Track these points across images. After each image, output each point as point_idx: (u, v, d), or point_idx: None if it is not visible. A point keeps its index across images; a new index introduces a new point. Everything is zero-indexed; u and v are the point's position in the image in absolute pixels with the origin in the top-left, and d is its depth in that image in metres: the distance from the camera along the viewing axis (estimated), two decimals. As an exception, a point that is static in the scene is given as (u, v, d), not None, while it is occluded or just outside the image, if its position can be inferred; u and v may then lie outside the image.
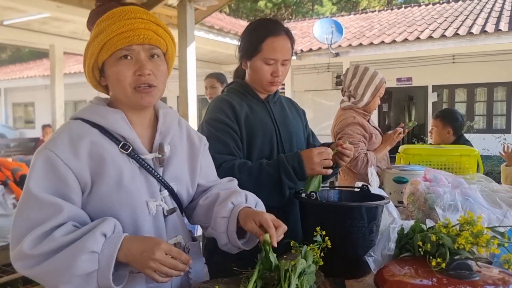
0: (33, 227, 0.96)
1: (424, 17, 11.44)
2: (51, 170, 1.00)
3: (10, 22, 6.93)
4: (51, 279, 0.96)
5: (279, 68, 1.61)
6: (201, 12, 5.67)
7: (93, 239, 0.94)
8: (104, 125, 1.08)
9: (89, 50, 1.06)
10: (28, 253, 0.94)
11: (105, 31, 1.03)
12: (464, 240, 1.00)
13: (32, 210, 0.98)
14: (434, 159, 2.55)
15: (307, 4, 23.64)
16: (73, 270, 0.92)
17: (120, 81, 1.06)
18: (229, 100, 1.63)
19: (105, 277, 0.94)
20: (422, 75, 11.18)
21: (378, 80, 2.58)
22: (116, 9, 1.05)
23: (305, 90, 12.70)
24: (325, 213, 1.34)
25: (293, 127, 1.74)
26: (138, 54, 1.06)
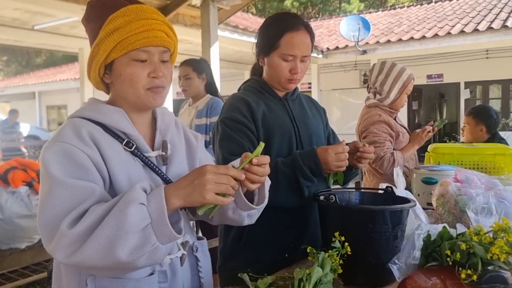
0: (68, 211, 0.90)
1: (455, 11, 11.06)
2: (70, 159, 0.97)
3: (40, 26, 7.10)
4: (104, 251, 0.86)
5: (298, 65, 1.53)
6: (225, 12, 5.65)
7: (136, 192, 0.90)
8: (106, 122, 1.06)
9: (102, 46, 1.02)
10: (70, 233, 0.87)
11: (122, 29, 1.01)
12: (499, 250, 0.89)
13: (63, 196, 0.92)
14: (466, 158, 2.41)
15: (334, 2, 23.34)
16: (126, 227, 0.86)
17: (134, 82, 1.04)
18: (246, 98, 1.56)
19: (162, 227, 0.89)
20: (454, 71, 10.81)
21: (406, 76, 2.47)
22: (131, 7, 1.03)
23: (332, 89, 12.53)
24: (345, 217, 1.26)
25: (312, 126, 1.66)
26: (153, 56, 1.05)
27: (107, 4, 1.05)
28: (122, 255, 0.86)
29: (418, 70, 10.96)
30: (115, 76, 1.06)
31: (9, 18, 6.57)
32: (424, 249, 1.05)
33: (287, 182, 1.43)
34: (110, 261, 0.87)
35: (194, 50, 7.09)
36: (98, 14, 1.05)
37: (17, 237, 3.11)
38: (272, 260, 1.46)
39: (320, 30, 12.87)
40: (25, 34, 7.36)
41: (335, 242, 1.13)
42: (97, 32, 1.03)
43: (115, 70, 1.05)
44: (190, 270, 1.18)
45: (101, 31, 1.02)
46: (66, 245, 0.88)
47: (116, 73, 1.06)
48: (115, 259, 0.87)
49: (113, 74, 1.06)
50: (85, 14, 1.09)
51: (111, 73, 1.07)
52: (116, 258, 0.86)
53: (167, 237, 0.90)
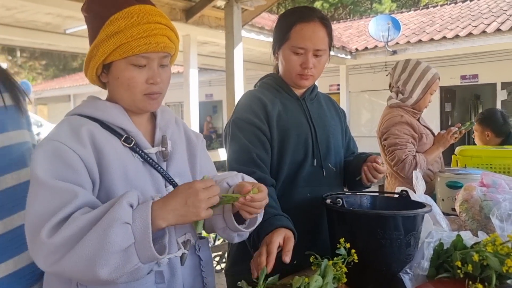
0: (49, 216, 0.87)
1: (491, 9, 10.62)
2: (59, 158, 0.94)
3: (71, 30, 7.29)
4: (84, 267, 0.84)
5: (310, 59, 1.44)
6: (250, 13, 5.61)
7: (122, 209, 0.86)
8: (104, 118, 1.04)
9: (101, 48, 0.99)
10: (49, 242, 0.85)
11: (123, 32, 0.98)
12: (515, 262, 0.80)
13: (45, 199, 0.90)
14: (496, 161, 2.27)
15: (365, 2, 22.98)
16: (108, 247, 0.83)
17: (132, 87, 1.02)
18: (261, 97, 1.49)
19: (145, 248, 0.86)
20: (490, 71, 10.39)
21: (430, 76, 2.35)
22: (134, 8, 0.99)
23: (361, 91, 12.30)
24: (352, 222, 1.18)
25: (331, 127, 1.57)
26: (152, 62, 1.03)
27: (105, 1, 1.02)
28: (102, 274, 0.84)
29: (452, 70, 10.61)
30: (112, 77, 1.04)
31: (41, 23, 6.77)
32: (435, 259, 0.96)
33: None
34: (90, 276, 0.86)
35: (220, 52, 7.10)
36: (98, 10, 1.02)
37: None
38: (280, 266, 1.40)
39: (350, 31, 12.67)
40: (58, 38, 7.56)
41: (340, 249, 1.06)
42: (96, 29, 1.00)
43: (113, 72, 1.03)
44: (193, 270, 1.14)
45: (101, 31, 0.99)
46: (46, 255, 0.86)
47: (113, 75, 1.03)
48: (95, 277, 0.85)
49: (111, 75, 1.04)
50: (85, 5, 1.06)
51: (108, 73, 1.05)
52: (96, 276, 0.85)
53: (149, 258, 0.88)
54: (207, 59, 9.95)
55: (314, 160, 1.49)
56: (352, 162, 1.59)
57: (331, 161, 1.54)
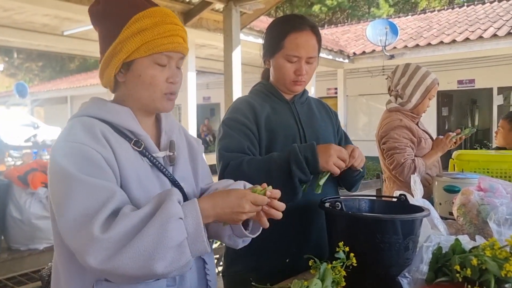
0: (94, 213, 0.87)
1: (488, 15, 10.69)
2: (86, 158, 0.93)
3: (69, 32, 7.28)
4: (142, 261, 0.85)
5: (303, 66, 1.49)
6: (248, 16, 5.62)
7: (175, 206, 0.89)
8: (114, 121, 1.04)
9: (126, 45, 1.00)
10: (104, 238, 0.84)
11: (148, 30, 1.00)
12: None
13: (85, 196, 0.89)
14: (493, 166, 2.28)
15: (363, 7, 23.07)
16: (165, 242, 0.86)
17: (153, 86, 1.04)
18: (250, 101, 1.54)
19: (198, 242, 0.90)
20: (486, 76, 10.45)
21: (429, 81, 2.35)
22: (157, 9, 1.03)
23: (358, 94, 12.34)
24: (351, 226, 1.18)
25: (320, 129, 1.60)
26: (172, 62, 1.05)
27: (125, 1, 1.03)
28: (158, 268, 0.86)
29: (449, 75, 10.66)
30: (133, 76, 1.04)
31: (39, 24, 6.77)
32: (434, 263, 0.96)
33: (280, 174, 1.32)
34: (146, 272, 0.87)
35: (218, 55, 7.12)
36: (116, 11, 1.03)
37: (35, 238, 3.15)
38: (275, 266, 1.41)
39: (348, 35, 12.72)
40: (56, 40, 7.56)
41: (339, 252, 1.06)
42: (116, 28, 1.01)
43: (135, 70, 1.03)
44: (197, 273, 1.15)
45: (124, 29, 1.00)
46: (99, 251, 0.84)
47: (135, 73, 1.03)
48: (151, 271, 0.86)
49: (131, 73, 1.04)
50: (98, 7, 1.06)
51: (128, 71, 1.04)
52: (152, 270, 0.86)
53: (200, 251, 0.92)
54: (205, 61, 9.97)
55: None
56: None
57: None
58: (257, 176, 1.30)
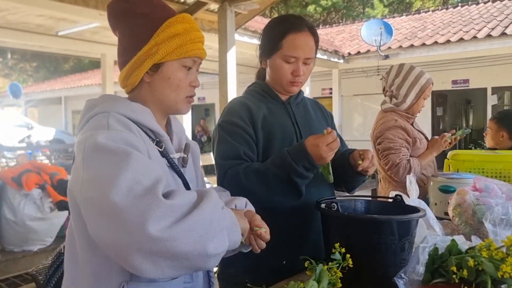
0: (150, 184, 0.86)
1: (482, 15, 10.74)
2: (129, 144, 0.93)
3: (64, 32, 7.24)
4: (198, 237, 0.85)
5: (301, 67, 1.48)
6: (243, 17, 5.62)
7: (217, 196, 0.96)
8: (139, 120, 1.05)
9: (162, 47, 1.04)
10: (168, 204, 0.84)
11: (182, 36, 1.05)
12: (510, 268, 0.80)
13: (140, 168, 0.88)
14: (488, 166, 2.28)
15: (357, 7, 23.12)
16: (217, 224, 0.90)
17: (179, 88, 1.09)
18: (246, 102, 1.52)
19: (234, 233, 0.95)
20: (480, 76, 10.50)
21: (424, 81, 2.35)
22: (186, 16, 1.09)
23: (353, 95, 12.36)
24: (347, 226, 1.18)
25: (316, 129, 1.59)
26: (196, 66, 1.12)
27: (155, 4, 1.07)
28: (210, 247, 0.87)
29: (443, 75, 10.70)
30: (162, 77, 1.07)
31: (33, 25, 6.72)
32: (430, 264, 0.96)
33: (280, 183, 1.34)
34: (198, 249, 0.85)
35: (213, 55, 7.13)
36: (147, 12, 1.06)
37: (29, 240, 3.14)
38: (271, 268, 1.40)
39: (342, 35, 12.74)
40: (50, 40, 7.51)
41: (335, 253, 1.06)
42: (148, 30, 1.04)
43: (164, 72, 1.07)
44: (204, 273, 1.20)
45: (159, 31, 1.04)
46: (163, 216, 0.82)
47: (164, 75, 1.07)
48: (203, 249, 0.86)
49: (160, 75, 1.07)
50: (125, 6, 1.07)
51: (156, 73, 1.07)
52: (205, 248, 0.86)
53: (234, 242, 0.95)
54: (199, 62, 9.93)
55: None
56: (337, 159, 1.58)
57: None
58: (257, 189, 1.33)
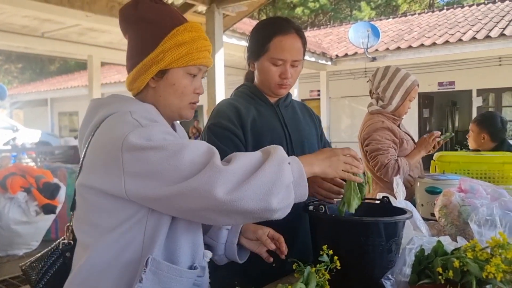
0: (208, 156, 0.95)
1: (467, 18, 10.92)
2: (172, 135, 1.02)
3: (49, 34, 7.17)
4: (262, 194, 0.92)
5: (288, 70, 1.48)
6: (231, 18, 5.62)
7: (284, 152, 1.00)
8: (155, 120, 1.06)
9: (169, 55, 1.06)
10: (227, 169, 0.92)
11: (189, 44, 1.07)
12: (495, 268, 0.81)
13: (196, 147, 0.97)
14: (473, 167, 2.31)
15: (345, 9, 23.29)
16: (281, 180, 0.94)
17: (183, 95, 1.11)
18: (235, 103, 1.52)
19: (301, 186, 1.00)
20: (466, 78, 10.65)
21: (409, 83, 2.37)
22: (194, 24, 1.11)
23: (341, 96, 12.44)
24: (335, 229, 1.19)
25: (305, 131, 1.60)
26: (200, 74, 1.14)
27: (166, 10, 1.10)
28: (274, 202, 0.93)
29: (429, 77, 10.83)
30: (167, 83, 1.09)
31: (18, 26, 6.64)
32: (416, 265, 0.96)
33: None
34: (264, 205, 0.93)
35: (201, 57, 7.14)
36: (156, 19, 1.08)
37: (14, 244, 3.09)
38: (261, 270, 1.40)
39: (330, 37, 12.82)
40: (35, 41, 7.44)
41: (323, 256, 1.06)
42: (156, 36, 1.06)
43: (169, 78, 1.09)
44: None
45: (166, 38, 1.06)
46: (227, 180, 0.91)
47: (169, 82, 1.09)
48: (268, 205, 0.93)
49: (165, 81, 1.09)
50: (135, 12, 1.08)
51: (161, 79, 1.09)
52: (270, 204, 0.93)
53: (301, 195, 1.01)
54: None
55: None
56: None
57: None
58: None
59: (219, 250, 1.21)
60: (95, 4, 4.83)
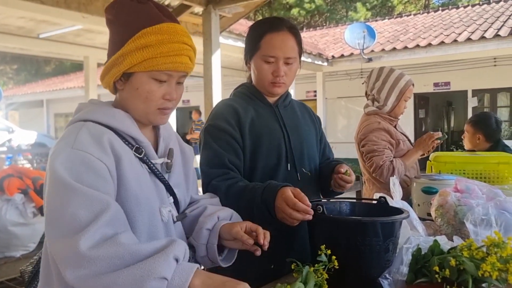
0: (82, 225, 0.86)
1: (462, 19, 10.98)
2: (89, 168, 0.93)
3: (45, 35, 7.15)
4: None
5: (281, 67, 1.47)
6: (227, 20, 5.63)
7: (166, 263, 0.85)
8: (118, 128, 1.05)
9: (128, 58, 1.00)
10: (87, 254, 0.83)
11: (153, 47, 1.00)
12: (490, 267, 0.82)
13: (80, 205, 0.88)
14: (469, 167, 2.33)
15: (341, 10, 23.35)
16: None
17: (149, 100, 1.05)
18: (233, 104, 1.52)
19: None
20: (461, 79, 10.71)
21: (403, 83, 2.38)
22: (166, 26, 1.01)
23: (337, 97, 12.47)
24: (332, 229, 1.19)
25: (304, 132, 1.60)
26: (172, 79, 1.06)
27: (140, 10, 1.03)
28: None
29: (425, 78, 10.88)
30: (131, 87, 1.05)
31: (14, 27, 6.63)
32: (413, 264, 0.98)
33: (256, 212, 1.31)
34: None
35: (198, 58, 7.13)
36: (128, 19, 1.03)
37: (11, 246, 3.09)
38: (260, 272, 1.40)
39: (326, 38, 12.85)
40: (31, 43, 7.43)
41: (321, 255, 1.07)
42: (123, 38, 1.01)
43: (133, 82, 1.04)
44: None
45: (130, 41, 1.00)
46: (78, 267, 0.83)
47: (132, 86, 1.04)
48: None
49: (129, 84, 1.05)
50: (113, 10, 1.06)
51: (126, 82, 1.05)
52: None
53: None
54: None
55: (288, 165, 1.51)
56: (323, 170, 1.62)
57: (305, 165, 1.57)
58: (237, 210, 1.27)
59: (200, 251, 1.14)
60: (91, 5, 4.83)
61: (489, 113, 3.51)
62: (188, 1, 4.97)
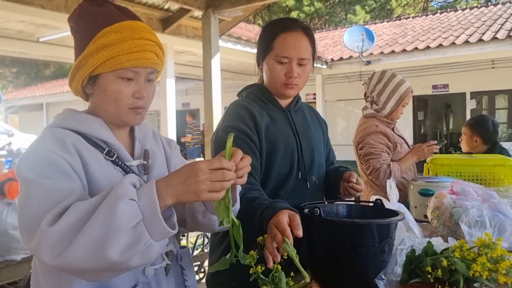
0: (48, 212, 0.85)
1: (460, 22, 11.03)
2: (52, 164, 0.93)
3: (45, 39, 7.17)
4: (94, 251, 0.80)
5: (294, 68, 1.44)
6: (227, 23, 5.66)
7: (125, 187, 0.84)
8: (87, 132, 1.04)
9: (90, 60, 0.99)
10: (52, 230, 0.81)
11: (113, 46, 0.98)
12: (480, 267, 0.85)
13: (41, 197, 0.88)
14: (465, 169, 2.36)
15: (340, 13, 23.41)
16: (116, 225, 0.80)
17: (118, 100, 1.03)
18: (250, 108, 1.47)
19: (155, 223, 0.83)
20: (459, 81, 10.76)
21: (403, 89, 2.42)
22: (126, 24, 1.01)
23: (337, 100, 12.51)
24: (329, 231, 1.21)
25: (314, 139, 1.58)
26: (140, 76, 1.04)
27: (99, 12, 1.02)
28: (113, 255, 0.80)
29: (423, 80, 10.92)
30: (99, 90, 1.04)
31: (14, 31, 6.64)
32: (407, 265, 1.00)
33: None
34: (101, 262, 0.81)
35: (197, 61, 7.14)
36: (88, 21, 1.02)
37: (12, 249, 3.08)
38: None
39: (325, 41, 12.89)
40: (31, 46, 7.43)
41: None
42: (85, 41, 1.01)
43: (100, 84, 1.03)
44: (175, 279, 1.16)
45: (91, 43, 0.99)
46: (50, 245, 0.82)
47: (100, 87, 1.03)
48: (106, 259, 0.81)
49: (97, 87, 1.04)
50: (74, 16, 1.05)
51: (94, 85, 1.04)
52: (107, 258, 0.81)
53: (161, 233, 0.85)
54: (184, 68, 9.95)
55: (299, 173, 1.49)
56: (330, 176, 1.61)
57: (314, 174, 1.55)
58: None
59: (199, 206, 1.10)
60: (91, 10, 4.83)
61: (486, 116, 3.54)
62: (188, 5, 5.00)
